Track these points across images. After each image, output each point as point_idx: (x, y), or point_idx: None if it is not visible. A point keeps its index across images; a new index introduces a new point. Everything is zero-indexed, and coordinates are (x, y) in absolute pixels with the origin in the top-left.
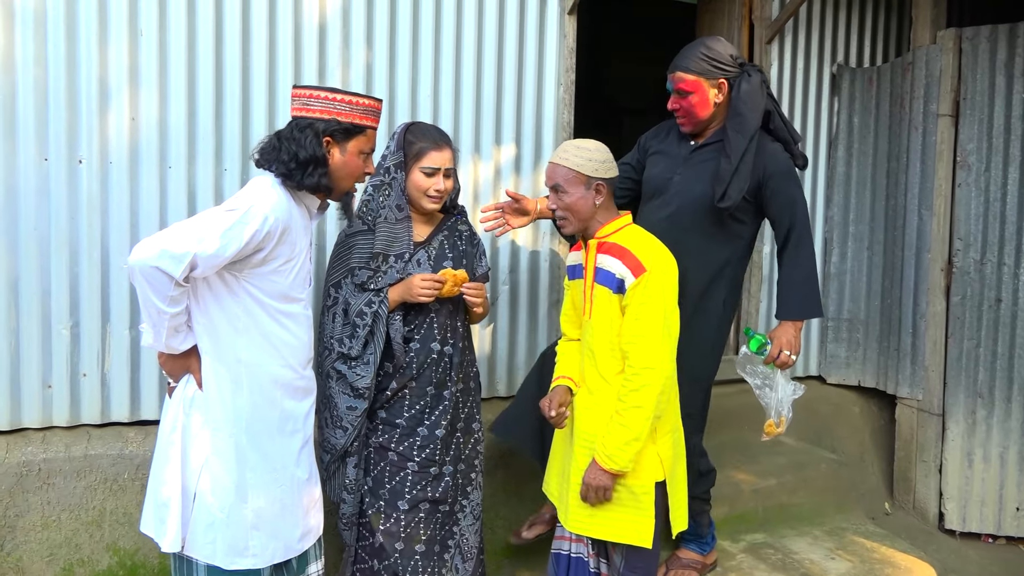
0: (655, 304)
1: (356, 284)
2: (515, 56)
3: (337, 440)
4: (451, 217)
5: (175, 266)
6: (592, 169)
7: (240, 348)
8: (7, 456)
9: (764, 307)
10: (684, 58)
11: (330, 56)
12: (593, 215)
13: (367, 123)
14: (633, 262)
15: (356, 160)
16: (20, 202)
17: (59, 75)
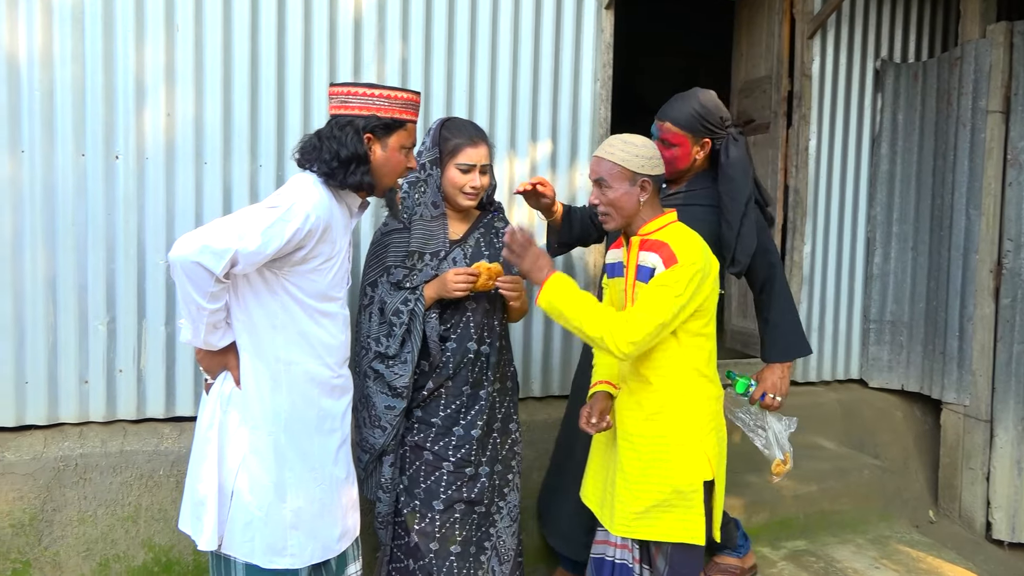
0: (674, 287)
1: (392, 283)
2: (551, 51)
3: (375, 440)
4: (487, 214)
5: (216, 262)
6: (638, 165)
7: (279, 346)
8: (45, 451)
9: (804, 309)
10: (675, 109)
11: (365, 51)
12: (637, 212)
13: (407, 117)
14: (668, 254)
15: (398, 155)
16: (58, 198)
17: (96, 71)
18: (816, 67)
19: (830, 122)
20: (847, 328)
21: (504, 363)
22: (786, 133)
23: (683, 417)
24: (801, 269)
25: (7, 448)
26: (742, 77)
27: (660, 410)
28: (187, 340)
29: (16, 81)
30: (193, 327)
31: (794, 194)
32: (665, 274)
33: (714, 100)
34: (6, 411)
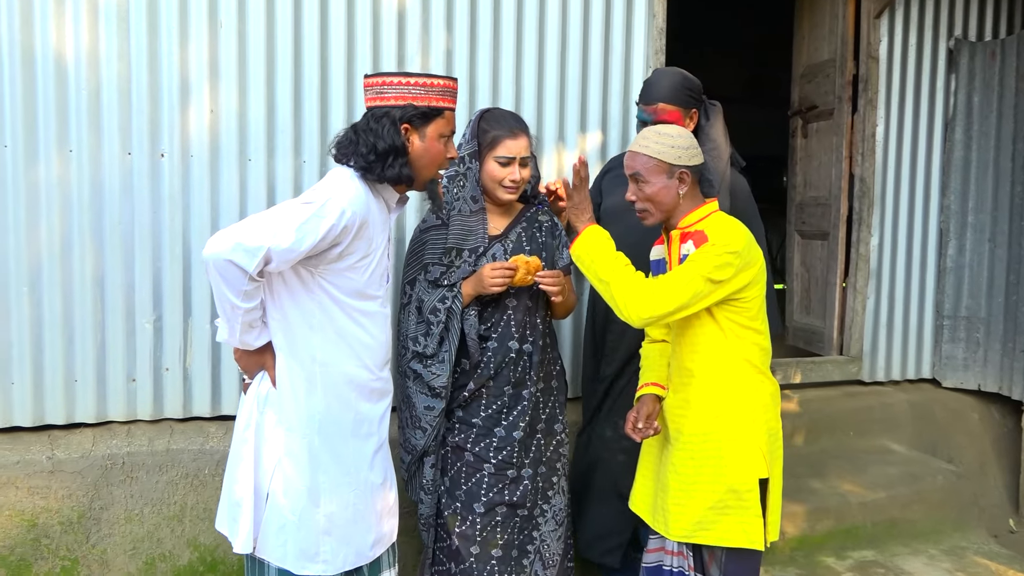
0: (702, 262)
1: (429, 280)
2: (601, 38)
3: (417, 441)
4: (530, 207)
5: (249, 260)
6: (675, 157)
7: (315, 346)
8: (93, 449)
9: (871, 304)
10: (661, 88)
11: (409, 43)
12: (676, 205)
13: (444, 104)
14: (701, 239)
15: (437, 145)
16: (105, 197)
17: (141, 70)
18: (883, 48)
19: (899, 106)
20: (918, 325)
21: (548, 362)
22: (851, 119)
23: (732, 411)
24: (868, 262)
25: (57, 446)
26: (803, 61)
27: (708, 405)
28: (224, 339)
29: (64, 81)
30: (228, 326)
31: (860, 183)
32: (695, 252)
33: (685, 72)
34: (56, 409)
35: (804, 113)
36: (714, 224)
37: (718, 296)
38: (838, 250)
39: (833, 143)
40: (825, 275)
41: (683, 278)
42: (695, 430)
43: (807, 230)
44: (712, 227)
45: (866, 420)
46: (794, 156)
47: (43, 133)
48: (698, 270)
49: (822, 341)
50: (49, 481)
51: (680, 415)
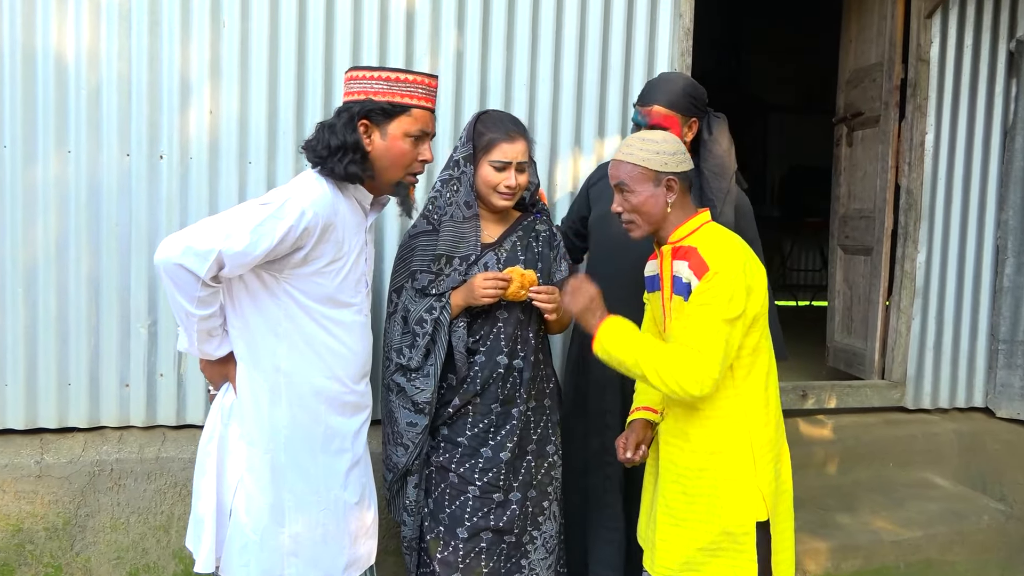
0: (719, 306)
1: (417, 289)
2: (622, 38)
3: (399, 458)
4: (528, 215)
5: (200, 264)
6: (661, 163)
7: (280, 356)
8: (83, 454)
9: (917, 325)
10: (662, 90)
11: (418, 43)
12: (665, 216)
13: (411, 102)
14: (698, 262)
15: (400, 144)
16: (102, 198)
17: (142, 69)
18: (935, 50)
19: (951, 113)
20: (969, 349)
21: (541, 379)
22: (898, 126)
23: (733, 445)
24: (914, 280)
25: (47, 450)
26: (850, 66)
27: (707, 436)
28: (184, 349)
29: (64, 80)
30: (187, 335)
31: (907, 195)
32: (701, 289)
33: (693, 80)
34: (48, 412)
35: (849, 120)
36: (707, 240)
37: (743, 329)
38: (881, 266)
39: (879, 152)
40: (868, 293)
41: (706, 329)
42: (690, 463)
43: (850, 245)
44: (706, 244)
45: (907, 450)
46: (838, 166)
47: (42, 133)
48: (717, 312)
49: (863, 364)
50: (36, 486)
51: (675, 445)
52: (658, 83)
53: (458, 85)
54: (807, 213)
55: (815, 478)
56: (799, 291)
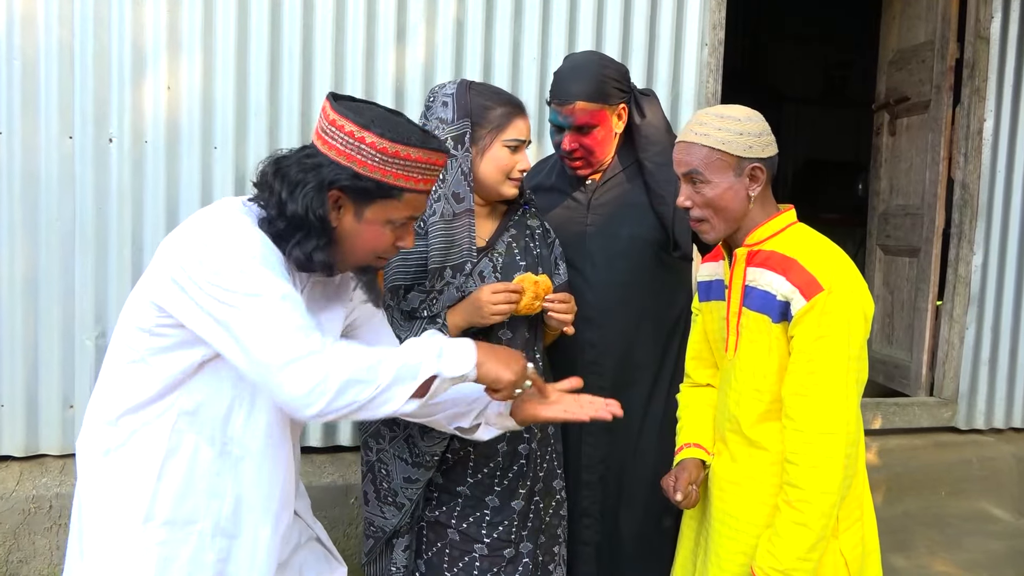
0: (839, 340)
1: (404, 311)
2: (646, 9)
3: (386, 520)
4: (516, 208)
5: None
6: (744, 147)
7: None
8: (17, 488)
9: (971, 336)
10: (577, 81)
11: (412, 9)
12: (746, 212)
13: (404, 184)
14: (804, 278)
15: (377, 231)
16: (41, 188)
17: (87, 36)
18: (996, 27)
19: (1013, 97)
20: None
21: None
22: (952, 113)
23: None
24: (968, 285)
25: None
26: (893, 45)
27: (777, 489)
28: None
29: None
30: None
31: (961, 190)
32: (814, 316)
33: (608, 56)
34: None
35: (892, 106)
36: (806, 246)
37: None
38: (931, 270)
39: (928, 141)
40: (913, 299)
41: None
42: (753, 518)
43: (892, 245)
44: (807, 252)
45: (961, 477)
46: (878, 157)
47: None
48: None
49: (907, 378)
50: None
51: (733, 493)
52: (570, 72)
53: (458, 59)
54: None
55: None
56: None
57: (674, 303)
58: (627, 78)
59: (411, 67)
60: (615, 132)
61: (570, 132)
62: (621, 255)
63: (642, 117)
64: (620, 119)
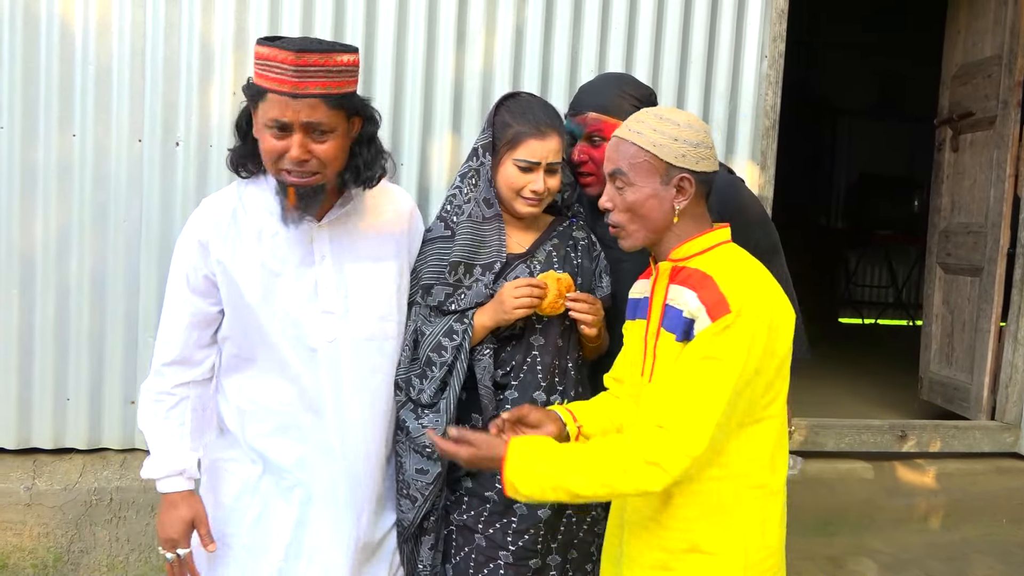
0: (729, 365)
1: (432, 306)
2: (705, 20)
3: (405, 513)
4: (562, 220)
5: None
6: (676, 154)
7: None
8: (80, 480)
9: None
10: (596, 95)
11: (472, 17)
12: (669, 225)
13: (263, 84)
14: (714, 297)
15: (263, 135)
16: (110, 190)
17: (158, 42)
18: None
19: None
20: None
21: None
22: (1019, 129)
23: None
24: None
25: (40, 474)
26: (957, 60)
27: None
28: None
29: (70, 54)
30: None
31: None
32: (711, 337)
33: (634, 78)
34: (43, 430)
35: (955, 122)
36: (726, 266)
37: (760, 388)
38: (994, 290)
39: (993, 158)
40: (975, 319)
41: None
42: (655, 562)
43: (953, 263)
44: (725, 272)
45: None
46: (939, 173)
47: (44, 113)
48: (726, 369)
49: (967, 401)
50: (25, 516)
51: (637, 532)
52: (591, 86)
53: (516, 67)
54: (876, 225)
55: (916, 534)
56: (864, 308)
57: None
58: (650, 100)
59: (470, 74)
60: None
61: (581, 142)
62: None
63: None
64: None
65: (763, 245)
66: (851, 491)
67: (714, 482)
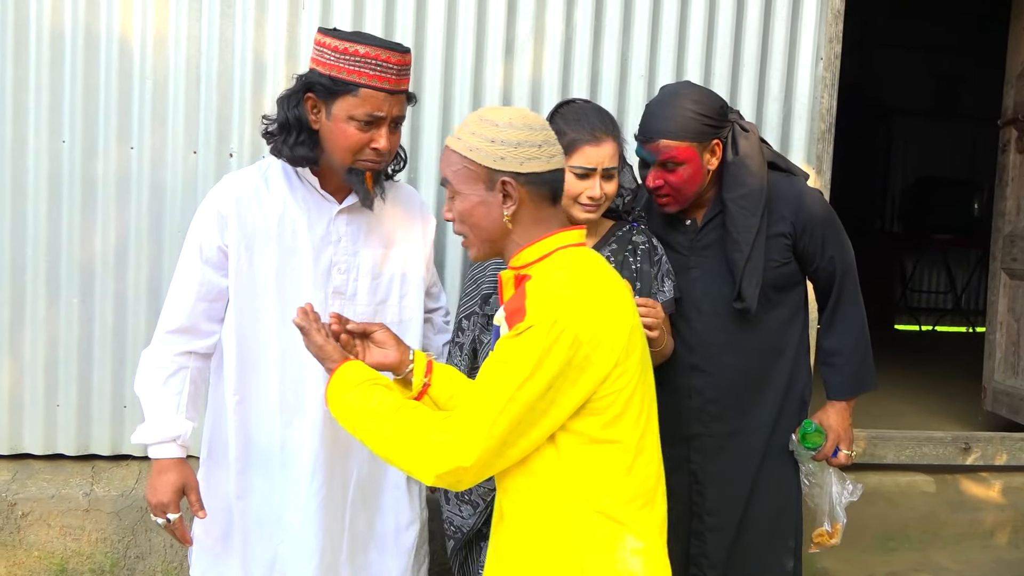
0: (511, 373)
1: (489, 316)
2: (758, 22)
3: (464, 519)
4: (623, 225)
5: None
6: (495, 157)
7: None
8: (136, 486)
9: None
10: (666, 119)
11: (520, 26)
12: (505, 233)
13: (356, 79)
14: (515, 304)
15: (344, 128)
16: (166, 200)
17: (212, 56)
18: None
19: None
20: None
21: None
22: None
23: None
24: None
25: (98, 480)
26: (1022, 58)
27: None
28: None
29: (128, 68)
30: None
31: None
32: (504, 342)
33: (704, 89)
34: (102, 437)
35: (1020, 122)
36: (546, 273)
37: (567, 407)
38: None
39: None
40: None
41: (493, 390)
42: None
43: (1019, 269)
44: (540, 279)
45: None
46: (1003, 176)
47: (103, 127)
48: (512, 374)
49: None
50: (83, 521)
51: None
52: (656, 107)
53: (565, 74)
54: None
55: (982, 550)
56: (922, 314)
57: (785, 355)
58: (722, 113)
59: (518, 82)
60: (707, 169)
61: (655, 168)
62: (729, 300)
63: (735, 154)
64: (714, 155)
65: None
66: (912, 505)
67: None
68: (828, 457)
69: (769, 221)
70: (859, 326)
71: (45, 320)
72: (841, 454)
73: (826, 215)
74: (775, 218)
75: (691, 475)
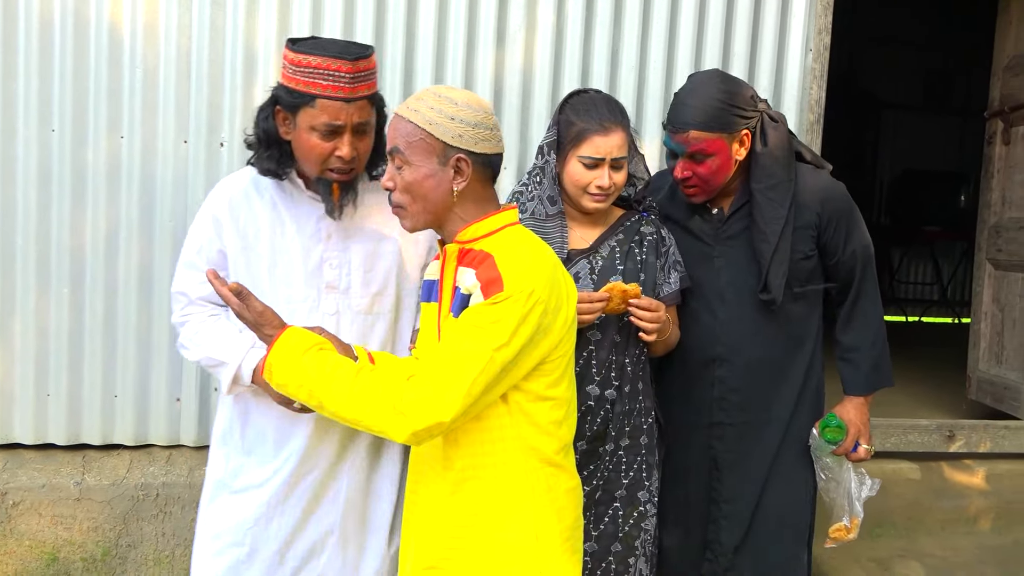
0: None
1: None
2: (748, 14)
3: None
4: (632, 214)
5: None
6: (453, 134)
7: None
8: (127, 476)
9: None
10: (694, 109)
11: (512, 16)
12: (449, 207)
13: (311, 91)
14: (490, 274)
15: (308, 138)
16: (156, 189)
17: (203, 45)
18: None
19: None
20: None
21: (637, 413)
22: None
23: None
24: None
25: (89, 469)
26: (1009, 50)
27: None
28: None
29: (118, 57)
30: None
31: None
32: (481, 308)
33: (732, 78)
34: (92, 427)
35: (1007, 114)
36: (505, 246)
37: (526, 367)
38: None
39: None
40: None
41: (468, 351)
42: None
43: (1004, 259)
44: (501, 249)
45: None
46: (989, 167)
47: (93, 116)
48: (489, 338)
49: (1018, 400)
50: (75, 510)
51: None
52: (686, 96)
53: (556, 65)
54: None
55: (966, 537)
56: (908, 305)
57: (804, 347)
58: (751, 103)
59: (510, 72)
60: (735, 160)
61: (683, 159)
62: (753, 291)
63: (764, 145)
64: (743, 145)
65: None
66: (898, 492)
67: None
68: (848, 452)
69: (795, 213)
70: (877, 322)
71: (35, 310)
72: (861, 448)
73: (851, 210)
74: (801, 210)
75: (711, 461)
